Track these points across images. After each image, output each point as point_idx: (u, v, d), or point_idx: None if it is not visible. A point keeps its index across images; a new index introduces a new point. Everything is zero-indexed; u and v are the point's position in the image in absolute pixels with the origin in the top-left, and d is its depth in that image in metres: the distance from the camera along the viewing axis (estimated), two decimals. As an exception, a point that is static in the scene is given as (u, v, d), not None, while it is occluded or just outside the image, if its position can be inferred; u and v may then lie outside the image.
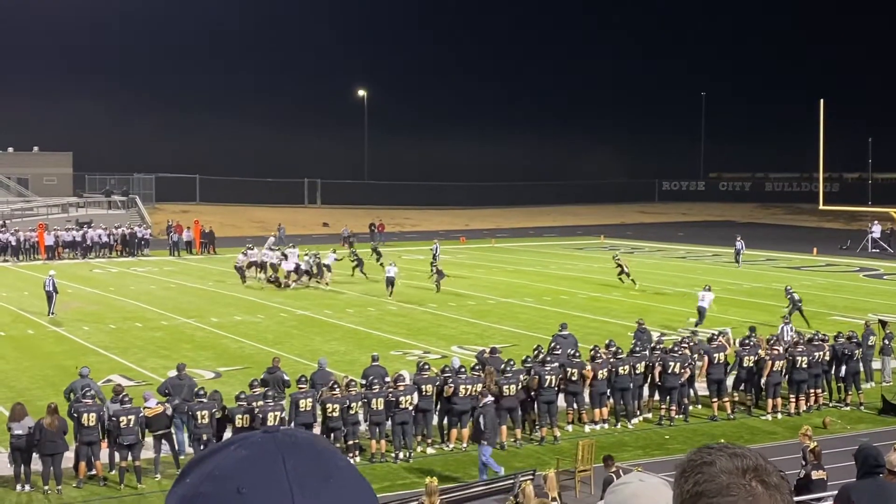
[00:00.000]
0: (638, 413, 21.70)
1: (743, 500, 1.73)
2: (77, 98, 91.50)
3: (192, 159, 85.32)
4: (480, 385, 19.71)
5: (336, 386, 19.02)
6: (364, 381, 19.59)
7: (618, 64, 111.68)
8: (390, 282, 38.75)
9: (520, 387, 20.00)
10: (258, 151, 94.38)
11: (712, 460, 1.79)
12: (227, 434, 17.78)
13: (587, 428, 20.83)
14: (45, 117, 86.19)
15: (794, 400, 22.30)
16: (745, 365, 22.41)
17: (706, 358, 22.34)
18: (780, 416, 22.06)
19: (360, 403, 18.77)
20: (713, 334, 24.01)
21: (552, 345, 22.63)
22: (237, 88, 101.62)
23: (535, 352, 22.03)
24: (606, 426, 21.08)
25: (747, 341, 23.11)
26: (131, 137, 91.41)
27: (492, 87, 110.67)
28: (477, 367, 20.49)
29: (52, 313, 33.71)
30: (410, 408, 19.07)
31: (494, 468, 17.81)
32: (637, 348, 22.06)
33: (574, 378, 20.70)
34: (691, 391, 22.37)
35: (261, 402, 17.91)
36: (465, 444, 19.56)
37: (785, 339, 24.49)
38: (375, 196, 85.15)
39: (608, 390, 21.15)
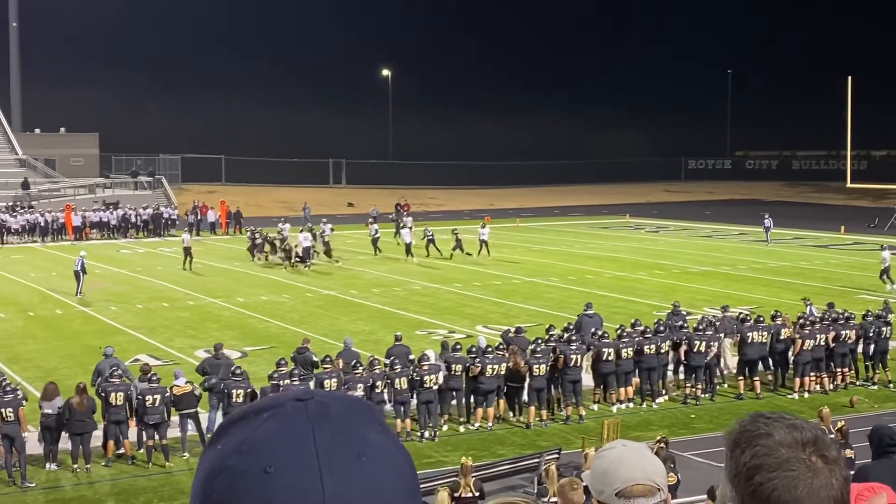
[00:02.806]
0: (663, 392, 21.68)
1: (803, 475, 1.67)
2: (103, 79, 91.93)
3: (217, 140, 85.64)
4: (505, 365, 19.76)
5: (359, 365, 19.11)
6: (388, 361, 19.66)
7: (644, 41, 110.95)
8: (483, 243, 42.71)
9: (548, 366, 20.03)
10: (283, 132, 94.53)
11: (769, 432, 1.71)
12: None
13: (614, 408, 20.82)
14: (72, 99, 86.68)
15: (816, 378, 22.27)
16: (772, 343, 22.33)
17: (738, 336, 22.26)
18: (806, 395, 21.98)
19: (384, 383, 18.84)
20: (744, 313, 23.89)
21: (569, 325, 22.63)
22: (262, 69, 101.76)
23: (549, 332, 22.00)
24: (632, 405, 21.07)
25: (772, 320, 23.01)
26: (157, 118, 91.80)
27: (517, 66, 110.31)
28: (501, 347, 20.53)
29: (80, 293, 34.00)
30: (435, 387, 19.12)
31: None
32: (662, 328, 22.00)
33: (609, 358, 20.71)
34: (718, 370, 22.33)
35: (287, 381, 18.01)
36: (490, 424, 19.62)
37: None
38: (400, 176, 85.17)
39: (634, 369, 21.14)
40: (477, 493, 13.82)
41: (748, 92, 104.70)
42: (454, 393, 19.83)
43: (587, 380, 20.93)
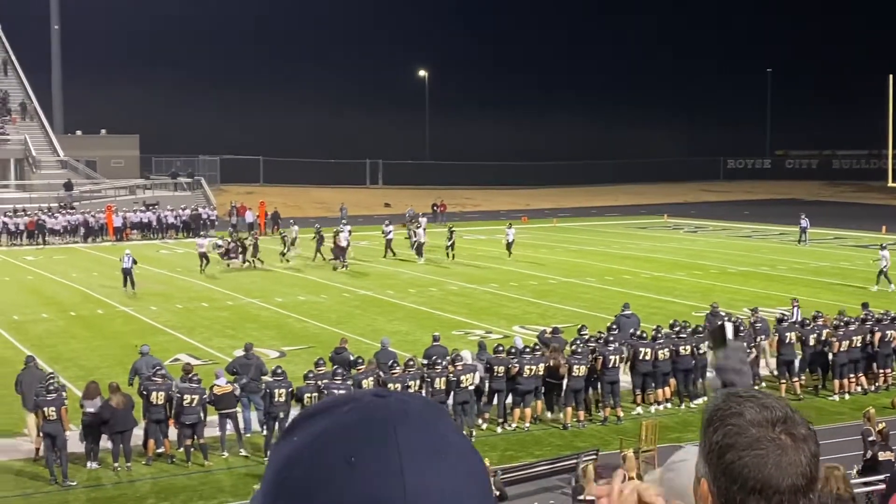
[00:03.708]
0: (702, 393, 21.54)
1: (772, 454, 1.74)
2: (144, 81, 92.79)
3: (256, 141, 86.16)
4: (543, 365, 19.74)
5: (395, 365, 19.17)
6: (426, 361, 19.68)
7: (682, 39, 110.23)
8: (509, 245, 42.73)
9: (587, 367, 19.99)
10: (321, 132, 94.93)
11: (741, 411, 1.78)
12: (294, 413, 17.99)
13: (652, 408, 20.73)
14: (113, 101, 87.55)
15: (855, 379, 22.06)
16: (810, 345, 22.12)
17: (776, 337, 22.08)
18: (847, 396, 21.77)
19: (418, 382, 18.86)
20: (783, 314, 23.71)
21: (611, 326, 22.55)
22: (300, 70, 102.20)
23: (580, 332, 21.92)
24: (669, 406, 20.96)
25: (811, 321, 22.80)
26: (197, 120, 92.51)
27: (554, 66, 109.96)
28: (537, 347, 20.52)
29: (132, 289, 35.00)
30: (471, 387, 19.13)
31: None
32: (700, 329, 21.88)
33: (647, 358, 20.63)
34: (756, 372, 22.16)
35: (326, 381, 18.08)
36: (527, 424, 19.60)
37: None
38: (437, 176, 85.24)
39: (671, 370, 21.04)
40: (497, 493, 13.82)
41: (788, 91, 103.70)
42: (496, 394, 19.82)
43: (625, 381, 20.86)
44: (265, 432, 18.20)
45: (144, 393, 17.85)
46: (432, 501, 1.21)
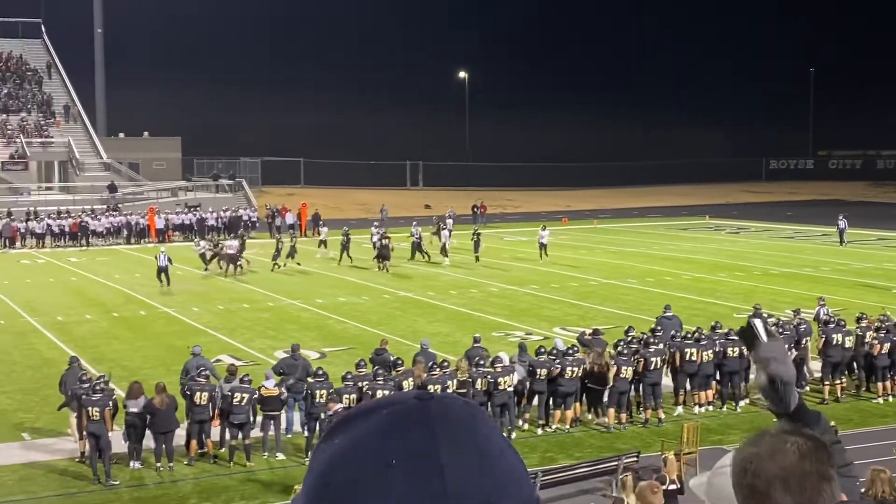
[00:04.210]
0: (746, 395, 21.33)
1: None
2: (185, 84, 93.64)
3: (296, 143, 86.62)
4: (582, 367, 19.65)
5: (436, 367, 19.16)
6: (467, 363, 19.65)
7: (723, 40, 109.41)
8: (543, 246, 42.49)
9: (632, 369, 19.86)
10: (361, 134, 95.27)
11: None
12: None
13: (696, 410, 20.55)
14: (155, 103, 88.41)
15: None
16: (846, 346, 21.87)
17: (823, 339, 21.85)
18: (891, 398, 21.47)
19: (456, 382, 18.83)
20: (830, 316, 23.43)
21: (655, 328, 22.41)
22: (340, 72, 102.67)
23: (627, 334, 21.79)
24: (711, 409, 20.78)
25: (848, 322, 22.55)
26: (238, 122, 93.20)
27: (594, 66, 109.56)
28: (576, 349, 20.45)
29: (167, 285, 35.56)
30: (510, 389, 19.08)
31: None
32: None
33: (693, 359, 20.47)
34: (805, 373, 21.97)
35: (366, 382, 18.11)
36: (567, 426, 19.52)
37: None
38: (477, 178, 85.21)
39: (715, 372, 20.86)
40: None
41: (831, 91, 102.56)
42: (537, 396, 19.76)
43: (666, 382, 20.70)
44: (306, 433, 18.27)
45: (188, 393, 17.96)
46: (473, 502, 1.20)
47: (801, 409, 2.43)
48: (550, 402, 19.83)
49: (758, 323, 2.47)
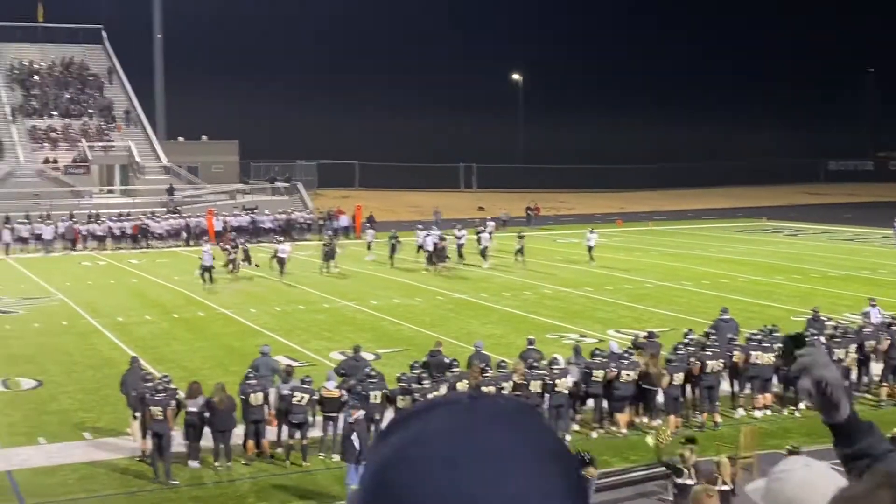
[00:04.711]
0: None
1: None
2: (243, 88, 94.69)
3: (351, 145, 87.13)
4: (637, 371, 19.56)
5: (489, 369, 19.22)
6: (522, 365, 19.68)
7: (781, 39, 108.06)
8: (590, 249, 42.54)
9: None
10: (415, 137, 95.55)
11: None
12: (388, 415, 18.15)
13: (758, 413, 20.37)
14: (213, 107, 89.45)
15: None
16: None
17: (888, 342, 21.55)
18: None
19: (511, 384, 18.85)
20: (886, 318, 23.12)
21: (709, 330, 22.25)
22: (395, 75, 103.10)
23: (686, 336, 21.67)
24: (769, 412, 20.57)
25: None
26: (294, 125, 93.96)
27: (647, 67, 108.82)
28: (630, 351, 20.36)
29: (210, 283, 36.93)
30: (566, 391, 19.06)
31: None
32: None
33: (758, 361, 20.30)
34: (864, 377, 21.72)
35: (417, 385, 18.21)
36: (624, 430, 19.44)
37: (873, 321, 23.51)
38: (531, 179, 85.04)
39: (772, 376, 20.65)
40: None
41: (891, 91, 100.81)
42: (593, 399, 19.71)
43: (723, 385, 20.54)
44: (362, 433, 18.41)
45: (242, 397, 18.17)
46: (528, 501, 1.21)
47: (853, 419, 2.37)
48: (604, 405, 19.79)
49: (790, 341, 2.47)
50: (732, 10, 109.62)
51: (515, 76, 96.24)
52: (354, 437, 16.25)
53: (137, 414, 18.05)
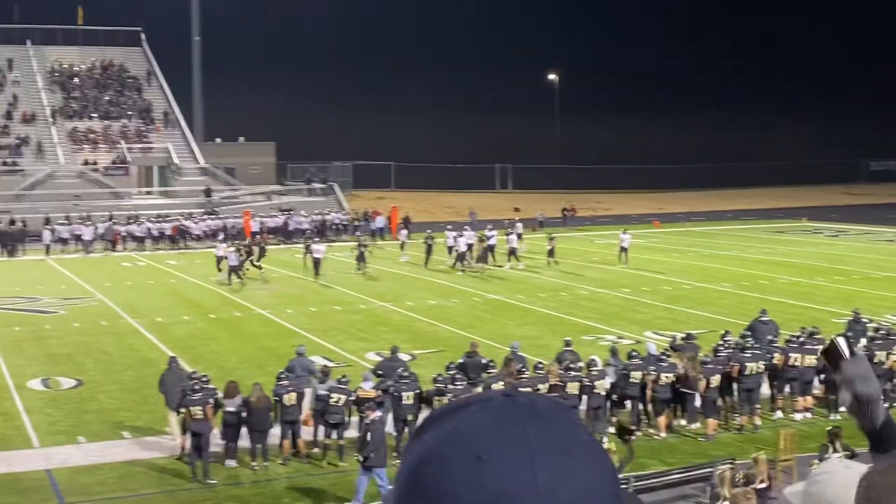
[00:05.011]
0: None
1: None
2: (280, 90, 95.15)
3: (387, 146, 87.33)
4: (672, 374, 19.39)
5: (525, 370, 19.14)
6: (559, 366, 19.59)
7: (818, 40, 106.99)
8: (623, 250, 42.35)
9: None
10: (450, 137, 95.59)
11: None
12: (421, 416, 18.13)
13: (798, 416, 20.14)
14: (250, 109, 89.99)
15: None
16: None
17: None
18: None
19: (547, 386, 18.76)
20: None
21: (745, 332, 22.04)
22: (429, 76, 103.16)
23: (724, 339, 21.46)
24: (810, 415, 20.33)
25: None
26: (330, 127, 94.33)
27: (683, 67, 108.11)
28: (667, 353, 20.21)
29: (236, 281, 37.59)
30: (603, 393, 18.95)
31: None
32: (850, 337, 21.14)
33: (798, 364, 20.09)
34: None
35: (452, 386, 18.18)
36: (662, 433, 19.29)
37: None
38: (567, 180, 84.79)
39: (815, 379, 20.40)
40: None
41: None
42: (630, 401, 19.58)
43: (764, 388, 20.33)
44: (395, 434, 18.40)
45: (276, 398, 18.22)
46: (563, 497, 1.21)
47: (888, 425, 2.38)
48: (640, 408, 19.65)
49: (841, 341, 2.43)
50: (758, 10, 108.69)
51: (551, 76, 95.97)
52: (368, 437, 16.20)
53: (182, 410, 18.07)
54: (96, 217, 54.28)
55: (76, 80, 74.19)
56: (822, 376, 20.44)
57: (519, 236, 44.33)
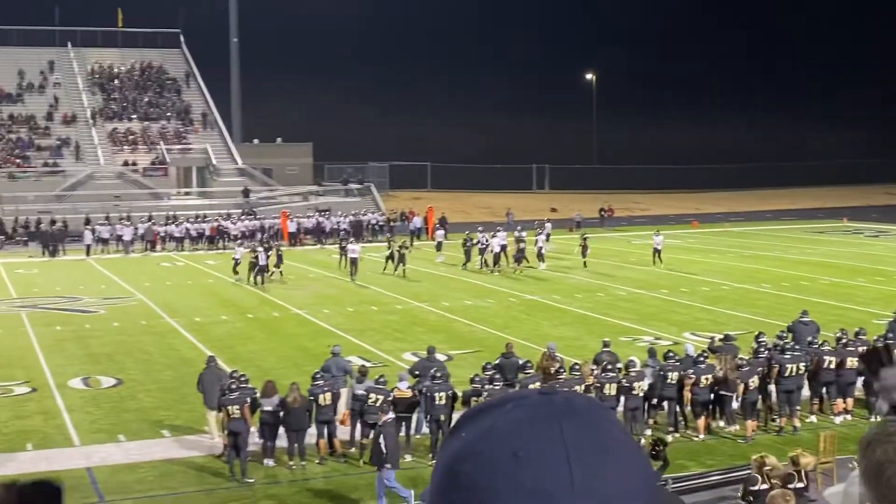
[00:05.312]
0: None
1: None
2: (317, 91, 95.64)
3: (424, 147, 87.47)
4: (711, 375, 19.23)
5: (562, 370, 19.07)
6: (596, 367, 19.51)
7: (858, 40, 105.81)
8: (657, 252, 42.14)
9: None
10: (486, 138, 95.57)
11: None
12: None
13: (838, 419, 19.92)
14: (288, 110, 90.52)
15: None
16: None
17: None
18: None
19: (583, 387, 18.68)
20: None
21: (782, 332, 21.83)
22: (466, 77, 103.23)
23: (758, 340, 21.27)
24: (849, 417, 20.10)
25: None
26: (366, 127, 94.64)
27: (725, 67, 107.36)
28: (705, 354, 20.05)
29: (261, 283, 37.96)
30: (641, 394, 18.84)
31: (402, 493, 16.19)
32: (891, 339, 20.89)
33: (831, 367, 19.88)
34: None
35: (489, 386, 18.16)
36: (701, 435, 19.15)
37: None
38: (604, 180, 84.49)
39: (855, 380, 20.15)
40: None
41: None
42: (668, 402, 19.46)
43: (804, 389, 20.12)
44: (430, 433, 18.41)
45: (311, 398, 18.27)
46: (600, 495, 1.21)
47: None
48: (677, 409, 19.51)
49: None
50: (794, 10, 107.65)
51: (588, 76, 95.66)
52: (381, 440, 16.16)
53: (221, 409, 18.14)
54: (136, 217, 54.79)
55: (116, 81, 74.96)
56: (863, 378, 20.20)
57: (547, 237, 44.20)
